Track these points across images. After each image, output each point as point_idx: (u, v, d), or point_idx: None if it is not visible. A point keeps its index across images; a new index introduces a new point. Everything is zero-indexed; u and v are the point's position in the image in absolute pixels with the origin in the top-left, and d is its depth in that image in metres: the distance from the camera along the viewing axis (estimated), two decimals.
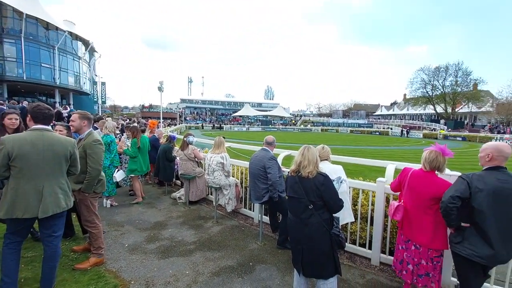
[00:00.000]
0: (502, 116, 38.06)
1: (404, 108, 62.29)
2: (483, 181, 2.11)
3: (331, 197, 2.26)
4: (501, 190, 2.06)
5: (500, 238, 2.09)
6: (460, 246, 2.23)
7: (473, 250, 2.14)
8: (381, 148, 21.65)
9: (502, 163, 2.17)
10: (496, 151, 2.17)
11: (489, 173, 2.15)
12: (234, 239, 3.97)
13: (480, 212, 2.10)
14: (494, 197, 2.06)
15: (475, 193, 2.11)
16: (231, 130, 49.43)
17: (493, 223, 2.08)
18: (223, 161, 4.43)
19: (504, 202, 2.07)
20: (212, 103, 73.40)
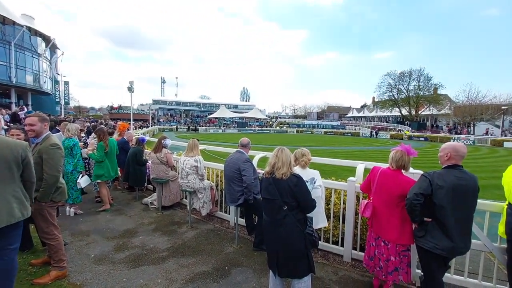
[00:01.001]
0: (459, 118, 41.67)
1: (373, 110, 65.76)
2: (443, 178, 2.27)
3: (304, 197, 2.30)
4: (458, 186, 2.23)
5: (458, 231, 2.26)
6: (423, 240, 2.37)
7: (435, 243, 2.29)
8: (353, 148, 22.65)
9: (459, 161, 2.35)
10: (454, 151, 2.35)
11: (448, 171, 2.32)
12: (209, 243, 3.88)
13: (440, 207, 2.25)
14: (453, 193, 2.22)
15: (436, 190, 2.25)
16: (206, 132, 48.70)
17: (452, 217, 2.24)
18: (197, 164, 4.31)
19: (462, 197, 2.24)
20: (187, 105, 71.79)
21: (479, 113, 38.07)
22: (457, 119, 42.20)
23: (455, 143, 2.50)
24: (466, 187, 2.24)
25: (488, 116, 37.68)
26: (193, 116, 68.22)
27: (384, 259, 2.65)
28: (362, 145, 26.10)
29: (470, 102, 40.62)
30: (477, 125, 39.29)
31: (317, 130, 54.03)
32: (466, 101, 41.45)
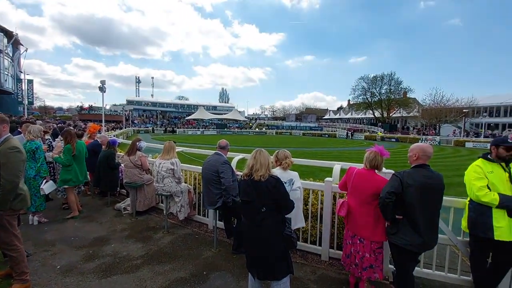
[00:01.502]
0: (426, 120, 44.56)
1: (349, 112, 68.36)
2: (412, 177, 2.39)
3: (283, 199, 2.30)
4: (426, 185, 2.35)
5: (427, 227, 2.38)
6: (395, 237, 2.47)
7: (406, 239, 2.40)
8: (330, 149, 23.31)
9: (426, 161, 2.48)
10: (421, 151, 2.49)
11: (417, 171, 2.44)
12: (187, 248, 3.76)
13: (410, 205, 2.36)
14: (421, 191, 2.34)
15: (406, 188, 2.36)
16: (185, 134, 47.63)
17: (421, 214, 2.36)
18: (173, 167, 4.17)
19: (429, 195, 2.37)
20: (164, 106, 69.88)
21: (444, 115, 41.02)
22: (425, 121, 45.11)
23: (423, 144, 2.65)
24: (433, 185, 2.38)
25: (452, 118, 40.71)
26: (171, 118, 66.48)
27: (360, 256, 2.73)
28: (339, 146, 26.95)
29: (435, 105, 43.64)
30: (442, 126, 42.26)
31: (296, 132, 54.97)
32: (432, 104, 44.49)
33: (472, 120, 42.25)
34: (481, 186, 2.49)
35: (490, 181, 2.50)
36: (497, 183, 2.49)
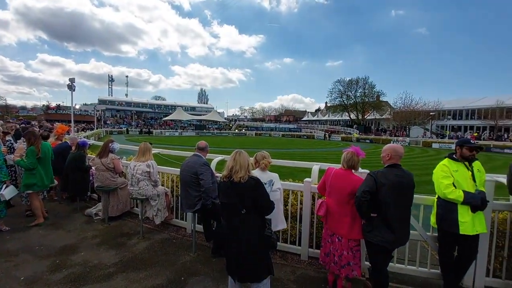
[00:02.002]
0: (397, 122, 47.11)
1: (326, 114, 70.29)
2: (385, 177, 2.49)
3: (263, 200, 2.30)
4: (399, 183, 2.47)
5: (399, 224, 2.49)
6: (370, 234, 2.57)
7: (381, 237, 2.50)
8: (308, 150, 23.81)
9: (398, 161, 2.60)
10: (393, 152, 2.61)
11: (390, 170, 2.55)
12: (164, 253, 3.63)
13: (384, 203, 2.46)
14: (394, 190, 2.45)
15: (380, 187, 2.46)
16: (162, 135, 46.28)
17: (394, 212, 2.47)
18: (149, 170, 4.01)
19: (401, 193, 2.49)
20: (139, 106, 67.25)
21: (413, 118, 43.63)
22: (396, 123, 47.65)
23: (395, 144, 2.78)
24: (405, 184, 2.49)
25: (420, 120, 43.41)
26: (146, 118, 64.18)
27: (338, 254, 2.79)
28: (317, 147, 27.62)
29: (405, 108, 46.28)
30: (412, 128, 44.91)
31: (275, 133, 55.53)
32: (402, 107, 47.12)
33: (438, 122, 45.34)
34: (447, 184, 2.66)
35: (456, 179, 2.67)
36: (461, 181, 2.66)
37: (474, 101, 43.78)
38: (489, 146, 26.14)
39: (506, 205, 2.96)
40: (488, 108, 39.61)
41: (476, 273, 2.91)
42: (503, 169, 14.85)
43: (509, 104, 37.87)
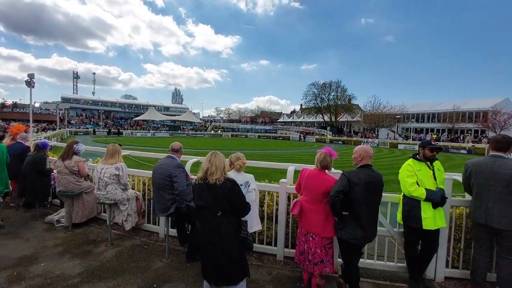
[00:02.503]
0: (367, 124, 49.69)
1: (301, 116, 72.06)
2: (358, 176, 2.60)
3: (239, 202, 2.28)
4: (370, 183, 2.58)
5: (369, 222, 2.62)
6: (342, 232, 2.66)
7: (351, 234, 2.60)
8: (284, 151, 24.20)
9: (369, 161, 2.73)
10: (365, 152, 2.73)
11: (361, 170, 2.67)
12: (134, 260, 3.45)
13: (356, 202, 2.56)
14: (366, 189, 2.56)
15: (353, 187, 2.56)
16: (133, 136, 44.28)
17: (365, 210, 2.58)
18: (118, 173, 3.78)
19: (372, 192, 2.61)
20: (108, 105, 63.74)
21: (381, 120, 46.32)
22: (366, 125, 50.25)
23: (365, 145, 2.92)
24: (375, 183, 2.62)
25: (387, 123, 46.21)
26: (116, 118, 61.03)
27: (312, 252, 2.86)
28: (292, 148, 28.17)
29: (374, 111, 48.99)
30: (380, 130, 47.63)
31: (251, 134, 55.69)
32: (371, 110, 49.80)
33: (403, 125, 48.58)
34: (412, 182, 2.84)
35: (419, 178, 2.87)
36: (424, 180, 2.86)
37: (434, 106, 47.62)
38: (447, 147, 28.52)
39: (462, 201, 3.23)
40: (446, 112, 43.35)
41: (437, 265, 3.14)
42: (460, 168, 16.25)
43: (464, 108, 41.79)
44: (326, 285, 3.02)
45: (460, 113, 41.65)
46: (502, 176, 2.60)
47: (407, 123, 49.08)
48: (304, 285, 3.00)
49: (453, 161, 18.29)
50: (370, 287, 3.04)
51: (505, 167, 2.61)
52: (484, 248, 2.82)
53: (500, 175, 2.61)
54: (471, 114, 41.36)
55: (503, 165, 2.64)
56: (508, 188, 2.56)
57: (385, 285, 3.08)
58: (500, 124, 35.82)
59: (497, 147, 2.78)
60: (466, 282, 3.06)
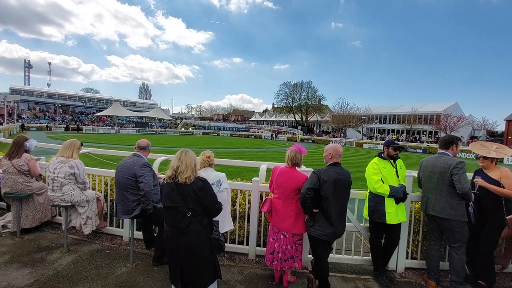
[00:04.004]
0: (336, 125, 51.99)
1: (273, 115, 73.14)
2: (327, 174, 2.66)
3: (210, 201, 2.20)
4: (338, 180, 2.66)
5: (337, 218, 2.70)
6: (312, 228, 2.73)
7: (321, 230, 2.67)
8: (256, 150, 24.34)
9: (338, 159, 2.81)
10: (334, 151, 2.81)
11: (331, 168, 2.74)
12: (94, 267, 3.18)
13: (326, 198, 2.63)
14: (334, 186, 2.63)
15: (322, 184, 2.62)
16: (94, 132, 41.35)
17: (333, 206, 2.65)
18: (74, 171, 3.44)
19: (341, 189, 2.69)
20: (66, 98, 58.67)
21: (348, 121, 48.80)
22: (335, 125, 52.56)
23: (335, 144, 3.00)
24: (343, 180, 2.71)
25: (354, 123, 48.83)
26: (75, 113, 56.42)
27: (283, 250, 2.88)
28: (264, 147, 28.43)
29: (342, 112, 51.43)
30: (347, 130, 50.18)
31: (223, 132, 55.17)
32: (339, 111, 52.22)
33: (368, 125, 51.68)
34: (377, 179, 3.00)
35: (383, 176, 3.03)
36: (388, 177, 3.03)
37: (395, 108, 51.34)
38: (406, 146, 30.97)
39: (420, 196, 3.47)
40: (405, 115, 46.97)
41: (398, 257, 3.35)
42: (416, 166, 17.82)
43: (421, 111, 45.65)
44: (297, 281, 3.06)
45: (417, 116, 45.45)
46: (438, 169, 2.93)
47: (372, 124, 52.32)
48: (275, 283, 3.01)
49: (411, 159, 19.93)
50: (338, 281, 3.15)
51: (441, 161, 2.94)
52: (435, 238, 3.10)
53: (436, 168, 2.95)
54: (427, 116, 45.34)
55: (441, 160, 2.97)
56: (442, 180, 2.89)
57: (352, 278, 3.21)
58: (450, 126, 39.88)
59: (440, 145, 3.13)
60: (423, 272, 3.31)
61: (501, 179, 2.93)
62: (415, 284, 3.14)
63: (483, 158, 3.09)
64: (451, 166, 2.82)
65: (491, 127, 42.99)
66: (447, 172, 2.83)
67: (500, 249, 3.37)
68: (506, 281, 3.27)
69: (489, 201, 2.94)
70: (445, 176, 2.85)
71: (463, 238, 2.84)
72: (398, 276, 3.29)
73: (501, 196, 2.89)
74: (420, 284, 3.14)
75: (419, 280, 3.20)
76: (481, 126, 42.66)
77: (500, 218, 2.93)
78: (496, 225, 2.95)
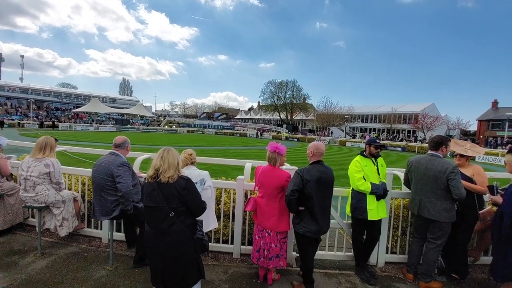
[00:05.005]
0: (320, 123, 52.91)
1: (259, 113, 73.20)
2: (310, 173, 2.68)
3: (194, 201, 2.16)
4: (321, 178, 2.69)
5: (322, 215, 2.73)
6: (298, 226, 2.75)
7: (306, 227, 2.69)
8: (241, 148, 24.27)
9: (320, 157, 2.83)
10: (315, 149, 2.82)
11: (314, 166, 2.76)
12: (71, 270, 3.03)
13: (310, 197, 2.65)
14: (318, 185, 2.66)
15: (306, 183, 2.64)
16: (71, 129, 39.59)
17: (317, 204, 2.68)
18: (48, 170, 3.25)
19: (324, 187, 2.72)
20: (40, 94, 55.55)
21: (332, 120, 49.84)
22: (319, 123, 53.50)
23: (317, 142, 3.03)
24: (326, 178, 2.74)
25: (337, 122, 49.95)
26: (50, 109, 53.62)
27: (268, 248, 2.88)
28: (249, 145, 28.41)
29: (326, 111, 52.42)
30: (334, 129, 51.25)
31: (208, 130, 54.60)
32: (324, 110, 53.19)
33: (351, 124, 53.03)
34: (359, 177, 3.06)
35: (365, 173, 3.10)
36: (369, 175, 3.10)
37: (376, 108, 53.00)
38: (386, 145, 32.08)
39: (400, 193, 3.60)
40: (386, 114, 48.63)
41: (379, 252, 3.45)
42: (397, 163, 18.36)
43: (400, 111, 47.43)
44: (282, 279, 3.08)
45: (397, 115, 47.22)
46: (432, 172, 2.94)
47: (354, 123, 53.75)
48: (260, 281, 3.01)
49: (391, 157, 20.67)
50: (321, 276, 3.20)
51: (435, 164, 2.95)
52: (419, 236, 3.19)
53: (431, 172, 2.96)
54: (406, 116, 47.19)
55: (435, 163, 2.97)
56: (437, 183, 2.90)
57: (335, 274, 3.27)
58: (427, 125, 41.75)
59: (429, 146, 3.16)
60: (402, 266, 3.43)
61: (474, 176, 3.09)
62: (394, 277, 3.26)
63: (459, 156, 3.22)
64: (447, 171, 2.81)
65: (465, 126, 45.51)
66: (443, 176, 2.83)
67: (472, 243, 3.56)
68: (478, 273, 3.47)
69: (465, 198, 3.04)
70: (441, 180, 2.85)
71: (446, 234, 2.96)
72: (378, 271, 3.39)
73: (474, 192, 3.05)
74: (399, 277, 3.26)
75: (398, 274, 3.32)
76: (455, 125, 44.98)
77: (475, 213, 3.09)
78: (471, 220, 3.10)
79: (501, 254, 2.61)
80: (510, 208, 2.55)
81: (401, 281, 3.19)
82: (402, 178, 3.51)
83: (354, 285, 3.07)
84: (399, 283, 3.15)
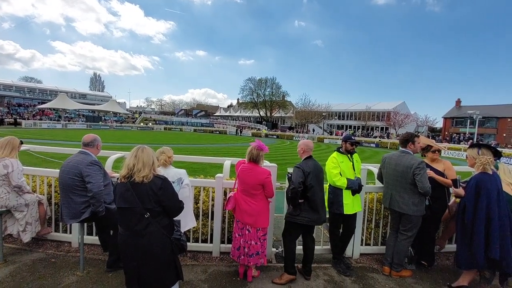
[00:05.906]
0: (299, 120, 53.87)
1: (238, 110, 72.91)
2: (308, 166, 2.91)
3: (171, 201, 2.09)
4: (317, 171, 2.95)
5: (321, 205, 2.97)
6: (299, 217, 2.92)
7: (309, 217, 2.90)
8: (221, 145, 24.05)
9: (310, 153, 3.09)
10: (306, 146, 3.08)
11: (308, 161, 3.01)
12: (38, 278, 2.82)
13: (311, 187, 2.86)
14: (316, 176, 2.89)
15: (307, 175, 2.84)
16: (36, 127, 36.83)
17: (317, 194, 2.89)
18: (7, 171, 2.98)
19: (321, 179, 2.98)
20: (0, 88, 51.05)
21: (310, 117, 50.94)
22: (298, 121, 54.44)
23: (306, 140, 3.20)
24: (320, 170, 3.00)
25: (315, 119, 51.16)
26: (11, 105, 49.44)
27: (248, 245, 2.89)
28: (229, 142, 28.24)
29: (305, 108, 53.45)
30: (314, 126, 52.40)
31: (187, 128, 53.47)
32: (302, 107, 54.18)
33: (328, 121, 54.58)
34: (336, 173, 3.16)
35: (342, 169, 3.20)
36: (346, 170, 3.21)
37: (352, 106, 55.02)
38: (361, 141, 33.43)
39: (373, 187, 3.76)
40: (360, 112, 50.64)
41: (354, 244, 3.59)
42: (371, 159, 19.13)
43: (374, 109, 49.62)
44: (261, 275, 3.10)
45: (371, 113, 49.35)
46: (401, 168, 3.11)
47: (331, 120, 55.38)
48: (240, 279, 3.00)
49: (366, 153, 21.59)
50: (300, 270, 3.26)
51: (404, 160, 3.11)
52: (394, 228, 3.35)
53: (399, 167, 3.12)
54: (379, 113, 49.45)
55: (403, 159, 3.13)
56: (405, 178, 3.06)
57: (313, 267, 3.34)
58: (399, 122, 44.09)
59: (399, 143, 3.35)
60: (376, 256, 3.60)
61: (445, 171, 3.30)
62: (369, 268, 3.41)
63: (437, 152, 3.44)
64: (413, 166, 2.96)
65: (432, 123, 48.65)
66: (409, 171, 3.00)
67: (438, 232, 3.81)
68: (443, 260, 3.73)
69: (435, 191, 3.17)
70: (408, 175, 3.02)
71: (417, 226, 3.14)
72: (354, 262, 3.53)
73: (444, 186, 3.25)
74: (373, 267, 3.42)
75: (373, 264, 3.48)
76: (423, 122, 47.92)
77: (444, 204, 3.32)
78: (440, 211, 3.32)
79: (464, 244, 2.82)
80: (471, 202, 2.75)
81: (375, 271, 3.35)
82: (376, 173, 3.67)
83: (331, 277, 3.16)
84: (373, 273, 3.30)
